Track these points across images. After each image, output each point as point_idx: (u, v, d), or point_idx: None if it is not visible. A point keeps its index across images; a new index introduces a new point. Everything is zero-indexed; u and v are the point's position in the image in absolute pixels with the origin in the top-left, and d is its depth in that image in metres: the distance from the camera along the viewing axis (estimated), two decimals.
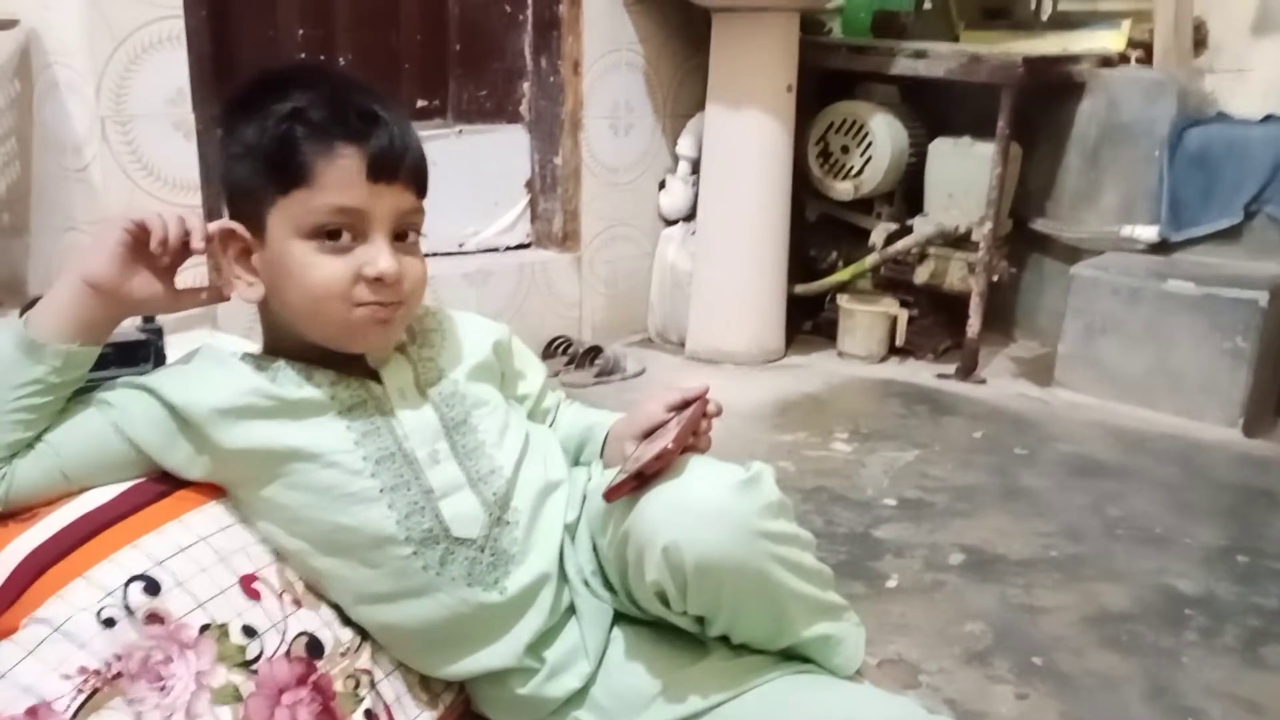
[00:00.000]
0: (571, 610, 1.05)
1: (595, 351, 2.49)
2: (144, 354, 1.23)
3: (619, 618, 1.05)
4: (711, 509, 0.91)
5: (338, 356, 1.00)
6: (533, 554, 1.02)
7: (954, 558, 1.59)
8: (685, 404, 1.09)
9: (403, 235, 0.98)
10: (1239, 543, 1.67)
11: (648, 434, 1.08)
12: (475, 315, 1.17)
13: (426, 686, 1.09)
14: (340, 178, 0.92)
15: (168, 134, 1.91)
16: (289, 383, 0.98)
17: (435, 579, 0.98)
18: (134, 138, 1.87)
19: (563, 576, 1.05)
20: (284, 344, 1.01)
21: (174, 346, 1.30)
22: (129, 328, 1.31)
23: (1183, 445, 2.12)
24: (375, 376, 1.02)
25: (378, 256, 0.94)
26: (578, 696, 1.03)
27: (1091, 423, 2.24)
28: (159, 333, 1.27)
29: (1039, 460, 2.02)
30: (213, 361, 1.01)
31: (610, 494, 0.96)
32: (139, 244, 0.94)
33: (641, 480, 0.94)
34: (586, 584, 1.05)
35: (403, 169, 0.96)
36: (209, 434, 0.96)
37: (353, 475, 0.97)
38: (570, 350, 2.52)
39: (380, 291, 0.94)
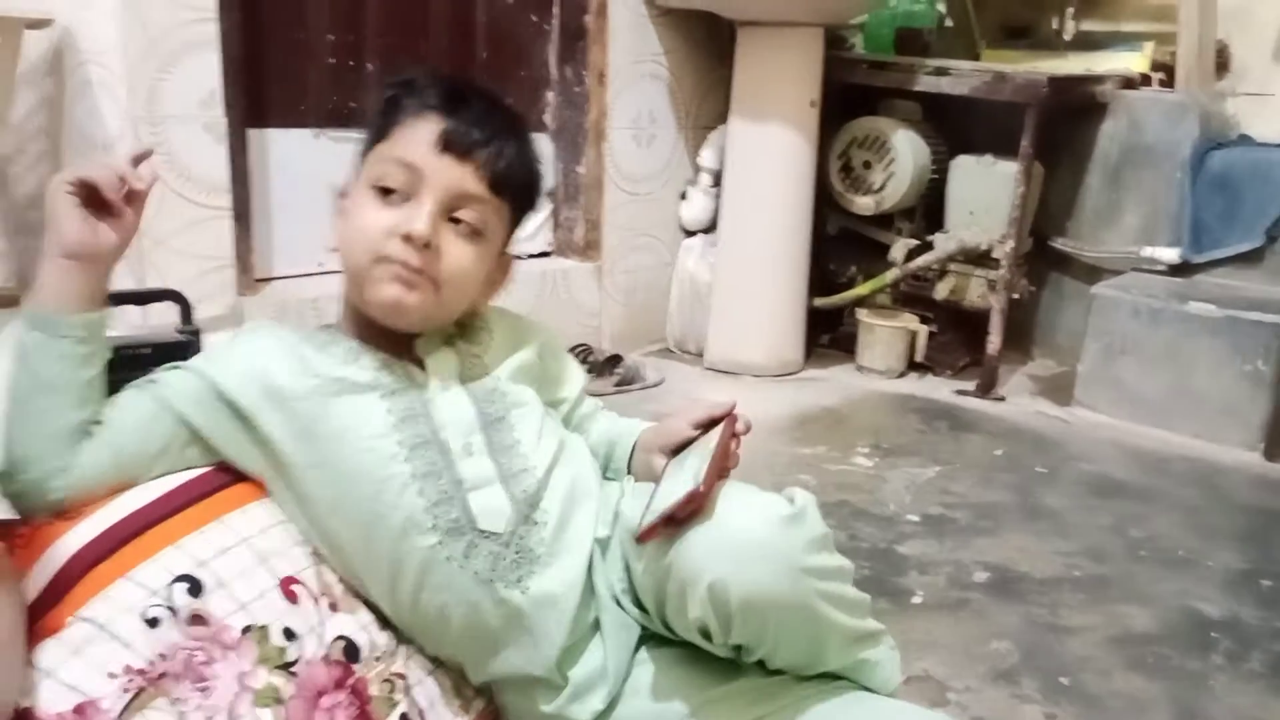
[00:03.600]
0: (596, 627, 1.03)
1: (615, 360, 2.50)
2: (182, 356, 1.24)
3: (645, 638, 1.04)
4: (757, 546, 0.89)
5: (389, 340, 1.02)
6: (560, 559, 1.00)
7: (978, 575, 1.59)
8: (713, 421, 1.08)
9: (456, 219, 0.99)
10: (1261, 567, 1.67)
11: (676, 450, 1.08)
12: (525, 317, 1.18)
13: (459, 693, 1.09)
14: (412, 137, 0.98)
15: (198, 136, 1.92)
16: (336, 359, 1.00)
17: (458, 571, 0.97)
18: (165, 138, 1.88)
19: (589, 590, 1.03)
20: (348, 319, 1.05)
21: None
22: (168, 330, 1.33)
23: (1203, 467, 2.12)
24: (421, 365, 1.04)
25: (415, 217, 0.96)
26: (601, 718, 1.01)
27: (1112, 443, 2.24)
28: (196, 334, 1.29)
29: (1060, 479, 2.02)
30: (259, 340, 1.02)
31: (643, 536, 0.94)
32: (89, 199, 0.95)
33: (673, 522, 0.92)
34: (617, 601, 1.03)
35: (480, 153, 0.99)
36: (251, 412, 0.98)
37: (387, 459, 0.97)
38: (590, 359, 2.52)
39: (408, 253, 0.96)
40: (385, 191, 0.97)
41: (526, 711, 1.05)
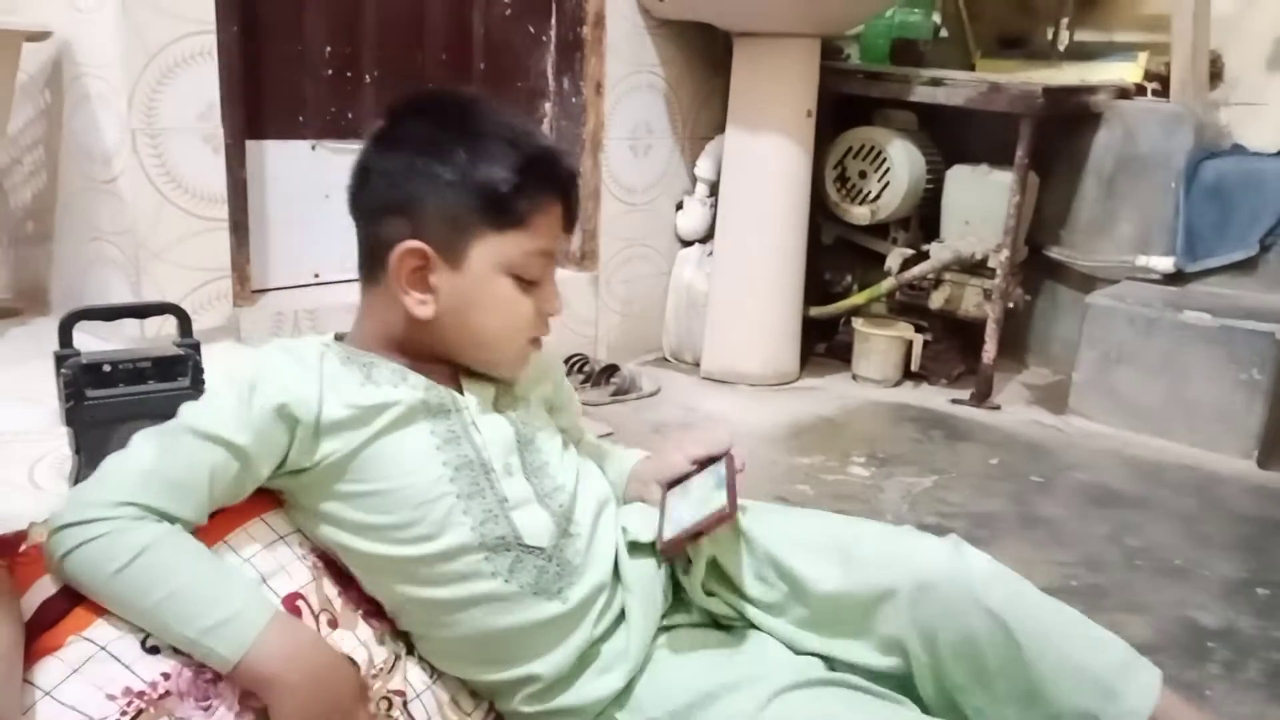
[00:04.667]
0: (620, 617, 1.07)
1: (611, 370, 2.50)
2: (181, 369, 1.25)
3: (665, 628, 1.08)
4: None
5: (431, 366, 1.05)
6: (593, 565, 1.06)
7: None
8: (711, 458, 1.14)
9: None
10: (1258, 575, 1.68)
11: (672, 484, 1.15)
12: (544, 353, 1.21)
13: (457, 706, 1.09)
14: (549, 227, 1.03)
15: (197, 147, 1.92)
16: (385, 380, 1.01)
17: (503, 586, 1.00)
18: (163, 150, 1.88)
19: (615, 584, 1.08)
20: (391, 343, 1.05)
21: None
22: (166, 343, 1.33)
23: (1199, 476, 2.13)
24: (459, 389, 1.06)
25: (553, 297, 1.06)
26: (620, 697, 1.04)
27: (1107, 452, 2.24)
28: (196, 348, 1.29)
29: (1056, 489, 2.03)
30: (305, 356, 1.01)
31: (669, 549, 1.05)
32: None
33: (697, 538, 1.05)
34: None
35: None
36: (305, 433, 0.97)
37: (433, 480, 0.99)
38: (586, 369, 2.53)
39: (547, 326, 1.07)
40: (522, 273, 1.02)
41: (535, 710, 1.06)
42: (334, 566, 1.06)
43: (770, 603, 1.11)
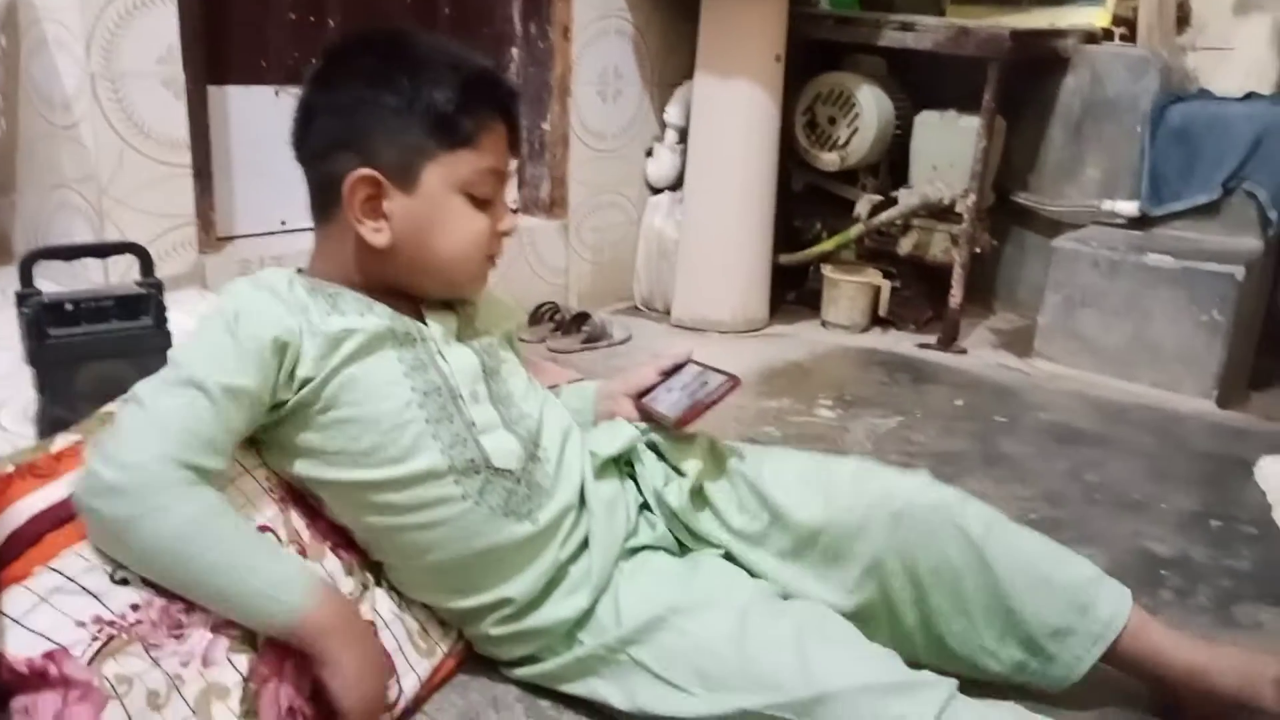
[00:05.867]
0: (586, 541, 1.11)
1: (582, 318, 2.51)
2: (144, 308, 1.25)
3: (628, 553, 1.12)
4: None
5: (394, 299, 1.07)
6: (561, 488, 1.10)
7: None
8: (676, 367, 1.25)
9: None
10: (1213, 508, 1.72)
11: (642, 394, 1.24)
12: (504, 294, 1.26)
13: (425, 635, 1.12)
14: (496, 145, 1.06)
15: (157, 92, 1.89)
16: (351, 309, 1.03)
17: (474, 508, 1.04)
18: (124, 95, 1.85)
19: (581, 508, 1.12)
20: (350, 277, 1.07)
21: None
22: (128, 281, 1.33)
23: (1159, 416, 2.17)
24: (421, 319, 1.09)
25: (506, 215, 1.09)
26: (582, 618, 1.07)
27: (1071, 393, 2.28)
28: (159, 287, 1.29)
29: (1019, 428, 2.06)
30: (277, 287, 1.03)
31: (683, 422, 1.17)
32: None
33: (709, 409, 1.17)
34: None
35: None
36: (289, 363, 0.99)
37: (403, 406, 1.02)
38: (557, 317, 2.53)
39: (501, 245, 1.10)
40: (475, 193, 1.05)
41: (502, 634, 1.09)
42: (301, 500, 1.08)
43: (752, 533, 1.15)
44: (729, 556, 1.16)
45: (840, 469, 1.17)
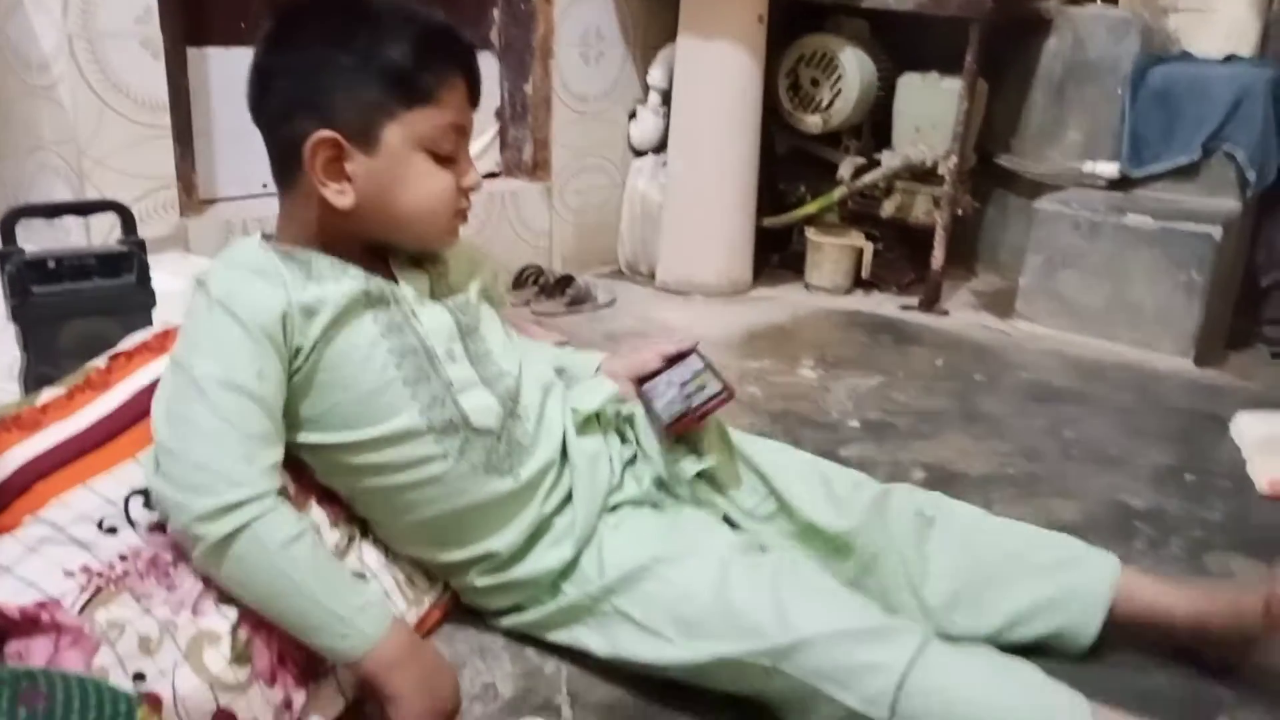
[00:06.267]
0: (570, 495, 1.12)
1: (566, 281, 2.51)
2: (126, 265, 1.25)
3: (611, 508, 1.14)
4: None
5: (366, 259, 1.07)
6: (541, 444, 1.11)
7: (916, 474, 1.65)
8: (680, 355, 1.28)
9: None
10: (1187, 463, 1.75)
11: (644, 379, 1.27)
12: (476, 245, 1.25)
13: (412, 585, 1.13)
14: (456, 100, 1.05)
15: (136, 53, 1.88)
16: (326, 274, 1.03)
17: (455, 466, 1.05)
18: (101, 56, 1.84)
19: (564, 463, 1.13)
20: (319, 240, 1.06)
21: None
22: (110, 240, 1.33)
23: (1138, 374, 2.20)
24: (394, 280, 1.09)
25: (470, 170, 1.08)
26: (566, 569, 1.09)
27: (1050, 352, 2.31)
28: (141, 246, 1.29)
29: (999, 387, 2.09)
30: (251, 271, 1.02)
31: (676, 429, 1.16)
32: None
33: (701, 419, 1.16)
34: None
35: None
36: (278, 335, 0.99)
37: (380, 367, 1.03)
38: (541, 280, 2.54)
39: (467, 200, 1.09)
40: (437, 149, 1.04)
41: (488, 585, 1.11)
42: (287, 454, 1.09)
43: (763, 514, 1.20)
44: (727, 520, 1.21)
45: (835, 472, 1.24)
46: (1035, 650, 1.10)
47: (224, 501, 0.90)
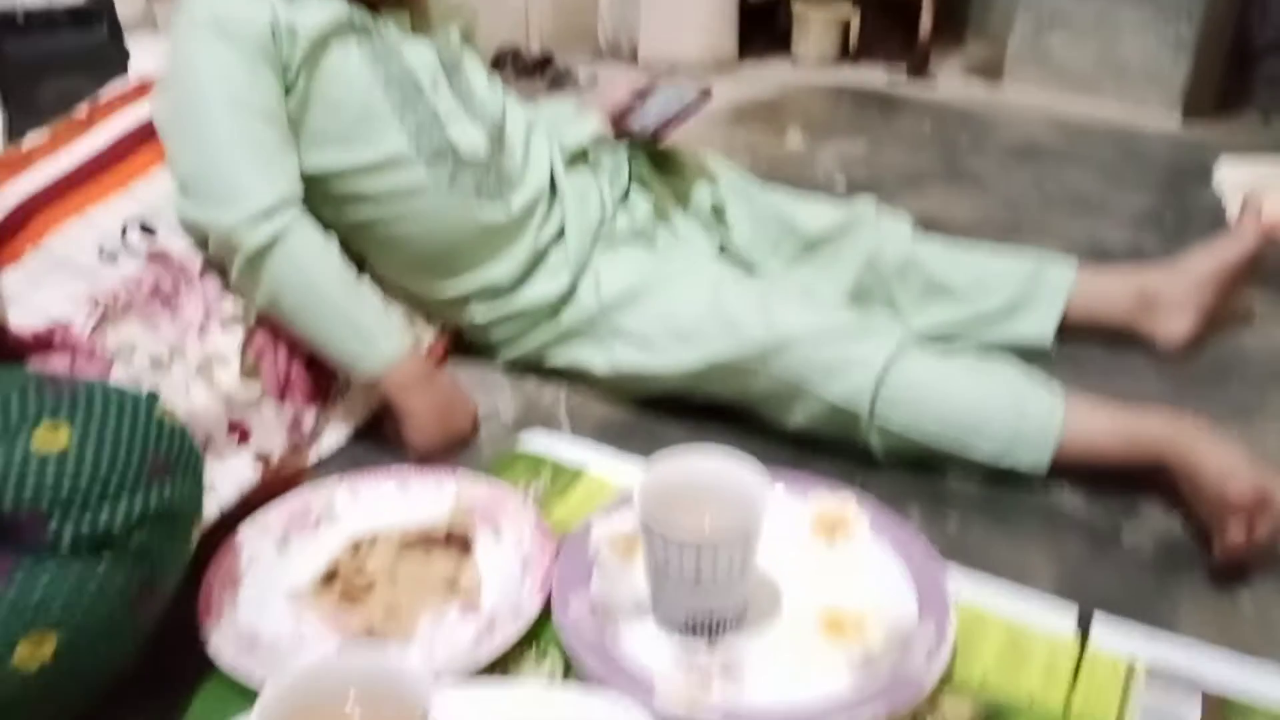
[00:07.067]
0: (563, 231, 1.15)
1: (545, 62, 2.47)
2: (97, 19, 1.23)
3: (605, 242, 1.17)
4: None
5: None
6: (530, 176, 1.14)
7: None
8: (649, 86, 1.30)
9: None
10: (1167, 207, 1.77)
11: (620, 116, 1.28)
12: None
13: (410, 326, 1.17)
14: None
15: None
16: (311, 2, 1.03)
17: (447, 198, 1.08)
18: None
19: (553, 198, 1.16)
20: None
21: None
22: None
23: (1124, 133, 2.19)
24: (377, 12, 1.09)
25: None
26: (565, 297, 1.14)
27: (1037, 115, 2.29)
28: (110, 3, 1.26)
29: (984, 148, 2.09)
30: None
31: (658, 136, 1.23)
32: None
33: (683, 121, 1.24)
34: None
35: None
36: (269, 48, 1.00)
37: (365, 90, 1.04)
38: (519, 62, 2.49)
39: None
40: None
41: (488, 316, 1.16)
42: None
43: (764, 240, 1.24)
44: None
45: (817, 199, 1.29)
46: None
47: (257, 207, 0.95)
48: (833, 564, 0.87)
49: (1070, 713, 0.75)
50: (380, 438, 1.06)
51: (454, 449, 1.04)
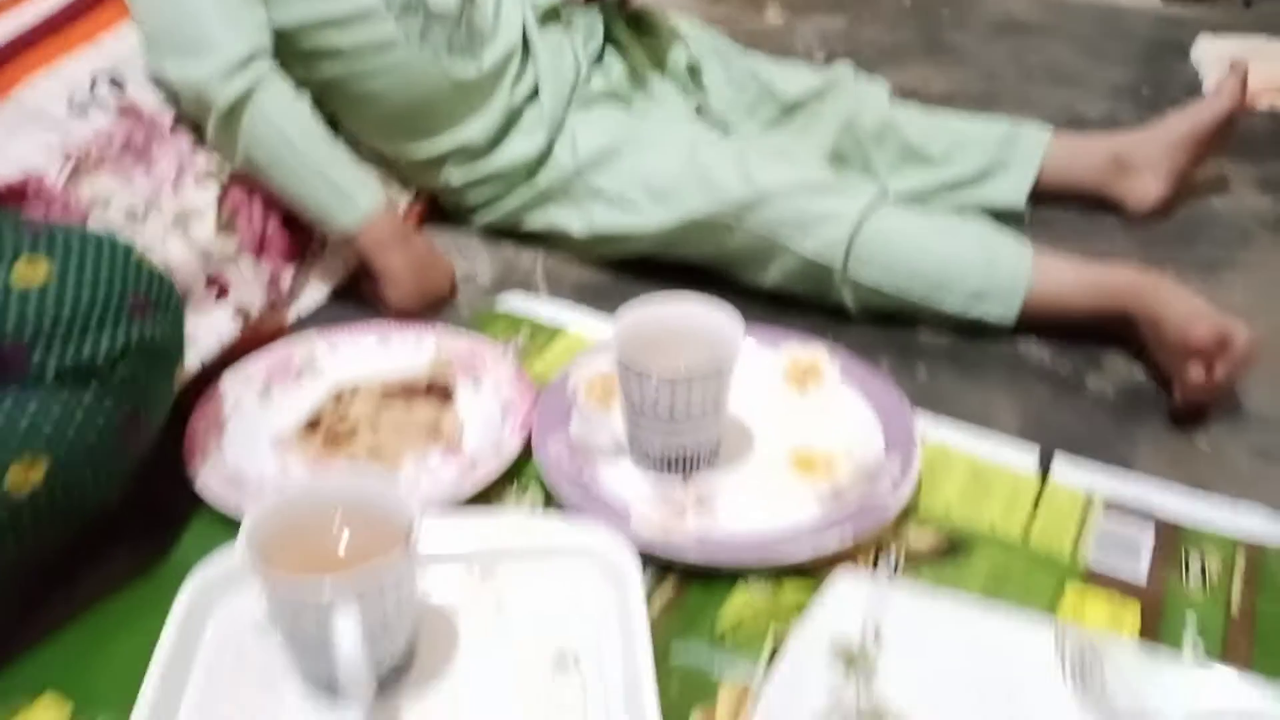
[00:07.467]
0: (534, 93, 1.15)
1: None
2: None
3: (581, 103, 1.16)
4: None
5: None
6: (501, 32, 1.12)
7: None
8: None
9: None
10: (1145, 80, 1.77)
11: None
12: None
13: (386, 188, 1.17)
14: None
15: None
16: None
17: (417, 49, 1.06)
18: None
19: (527, 56, 1.15)
20: None
21: None
22: None
23: (1105, 9, 2.17)
24: None
25: None
26: (541, 158, 1.14)
27: None
28: None
29: (964, 22, 2.06)
30: None
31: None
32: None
33: None
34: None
35: None
36: None
37: None
38: None
39: None
40: None
41: (464, 179, 1.15)
42: None
43: (741, 102, 1.25)
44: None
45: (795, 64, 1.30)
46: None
47: (228, 59, 0.94)
48: (804, 408, 0.90)
49: (1029, 539, 0.79)
50: (358, 298, 1.07)
51: (432, 309, 1.05)
